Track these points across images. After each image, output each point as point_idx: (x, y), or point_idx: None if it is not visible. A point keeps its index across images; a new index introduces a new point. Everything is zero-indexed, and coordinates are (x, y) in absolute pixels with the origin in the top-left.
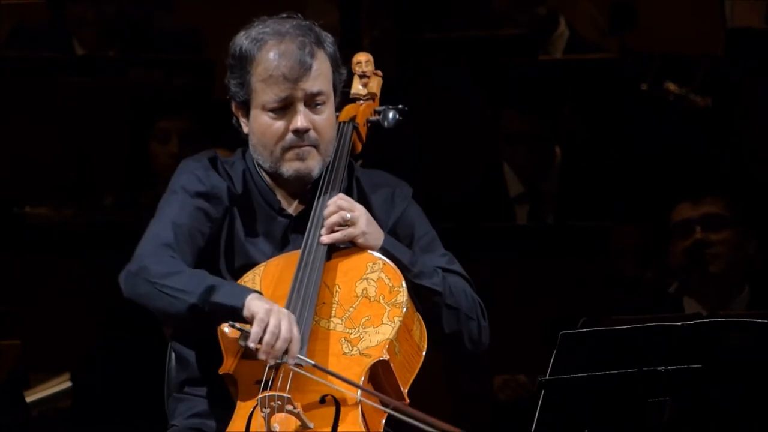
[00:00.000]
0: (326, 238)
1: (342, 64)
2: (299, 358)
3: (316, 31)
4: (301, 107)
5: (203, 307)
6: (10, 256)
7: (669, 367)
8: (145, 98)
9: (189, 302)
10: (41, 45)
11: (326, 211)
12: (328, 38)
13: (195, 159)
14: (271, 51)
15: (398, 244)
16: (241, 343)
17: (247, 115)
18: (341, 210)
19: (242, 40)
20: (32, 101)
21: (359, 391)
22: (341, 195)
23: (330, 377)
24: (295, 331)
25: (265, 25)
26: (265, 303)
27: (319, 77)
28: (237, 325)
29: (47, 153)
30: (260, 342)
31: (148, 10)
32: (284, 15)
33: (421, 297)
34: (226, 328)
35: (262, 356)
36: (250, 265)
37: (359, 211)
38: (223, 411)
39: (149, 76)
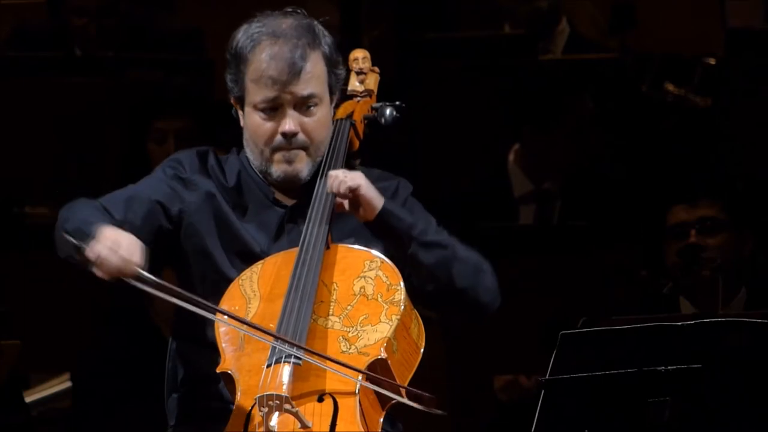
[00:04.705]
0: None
1: (341, 64)
2: (298, 352)
3: (314, 32)
4: (290, 110)
5: (74, 234)
6: (10, 256)
7: (669, 367)
8: (144, 98)
9: (65, 228)
10: (41, 45)
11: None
12: (327, 38)
13: (185, 151)
14: (264, 52)
15: (399, 207)
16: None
17: (242, 109)
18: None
19: (240, 35)
20: (32, 101)
21: (359, 379)
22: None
23: (329, 363)
24: (136, 251)
25: (264, 23)
26: (115, 228)
27: (311, 80)
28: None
29: (47, 153)
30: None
31: (148, 10)
32: (289, 9)
33: (431, 254)
34: (222, 327)
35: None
36: (247, 252)
37: (359, 174)
38: (223, 410)
39: (149, 76)
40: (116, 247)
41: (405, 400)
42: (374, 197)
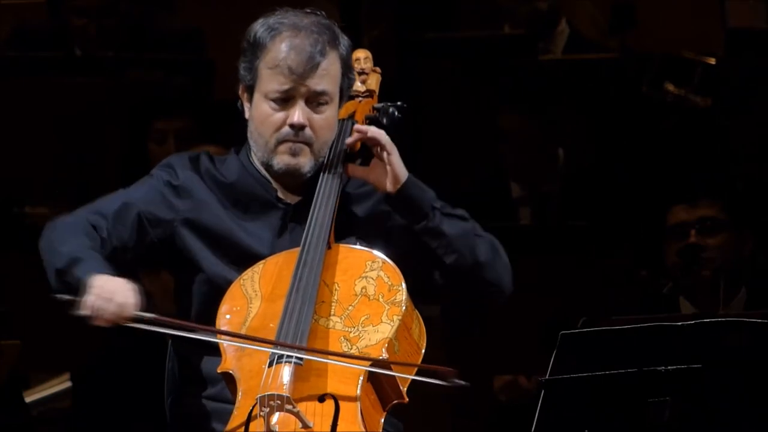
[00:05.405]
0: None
1: (353, 71)
2: (299, 354)
3: (334, 31)
4: (301, 103)
5: (66, 275)
6: (10, 256)
7: (669, 367)
8: (144, 98)
9: (56, 266)
10: (41, 45)
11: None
12: (345, 41)
13: (178, 155)
14: (284, 42)
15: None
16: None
17: (250, 99)
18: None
19: (259, 26)
20: (32, 101)
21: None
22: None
23: (331, 357)
24: (130, 295)
25: (285, 16)
26: (106, 276)
27: (326, 77)
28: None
29: (47, 153)
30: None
31: (148, 10)
32: (308, 10)
33: (454, 225)
34: (223, 327)
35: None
36: (248, 254)
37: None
38: (223, 410)
39: (149, 76)
40: (110, 295)
41: (422, 378)
42: (402, 167)
